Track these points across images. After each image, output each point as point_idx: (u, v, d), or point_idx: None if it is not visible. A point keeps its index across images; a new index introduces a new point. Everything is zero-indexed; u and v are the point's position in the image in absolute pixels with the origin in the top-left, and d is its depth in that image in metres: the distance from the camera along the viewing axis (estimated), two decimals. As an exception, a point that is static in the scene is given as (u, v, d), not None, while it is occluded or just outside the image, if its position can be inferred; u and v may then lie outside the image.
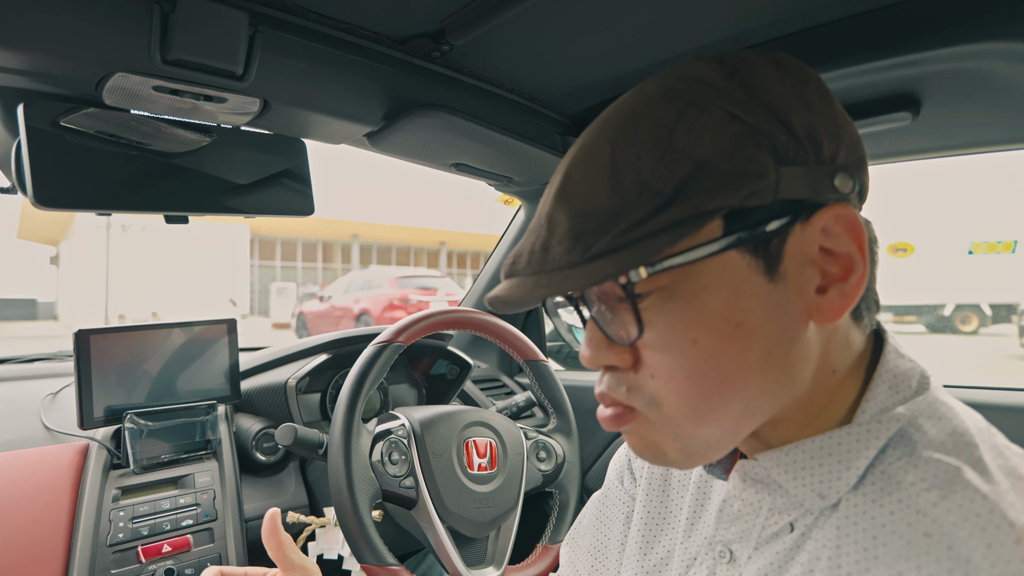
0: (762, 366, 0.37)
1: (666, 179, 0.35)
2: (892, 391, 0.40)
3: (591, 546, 0.60)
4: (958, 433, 0.37)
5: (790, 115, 0.36)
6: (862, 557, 0.36)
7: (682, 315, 0.36)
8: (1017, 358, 9.13)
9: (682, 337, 0.36)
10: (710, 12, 0.69)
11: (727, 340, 0.36)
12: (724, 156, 0.35)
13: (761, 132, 0.35)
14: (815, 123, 0.36)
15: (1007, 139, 0.81)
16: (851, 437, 0.39)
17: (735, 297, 0.36)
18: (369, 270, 12.87)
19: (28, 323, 20.47)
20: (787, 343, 0.37)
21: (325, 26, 0.72)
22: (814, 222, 0.36)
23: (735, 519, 0.44)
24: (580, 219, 0.36)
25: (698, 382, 0.37)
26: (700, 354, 0.36)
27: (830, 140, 0.37)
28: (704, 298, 0.36)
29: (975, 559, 0.31)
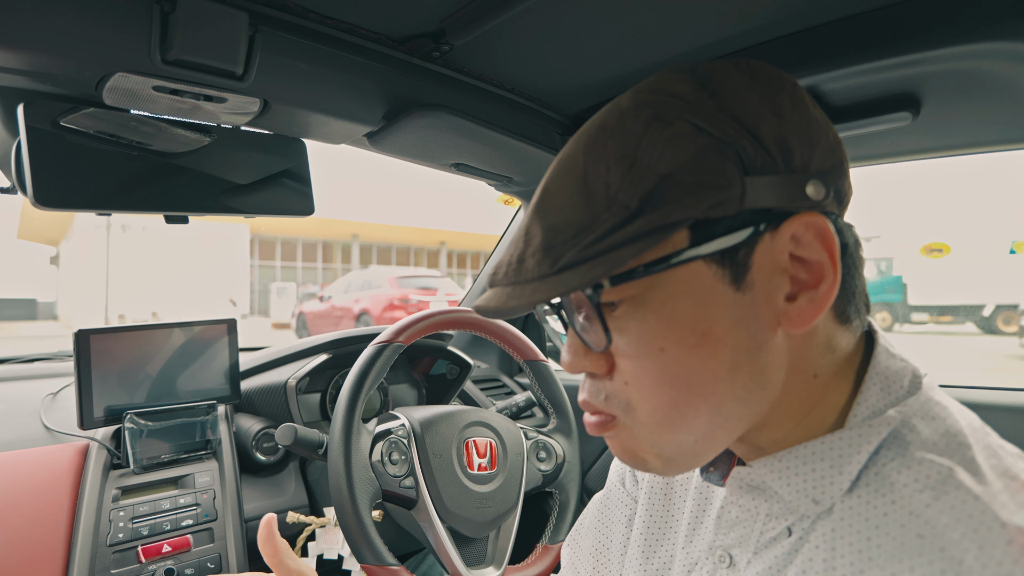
0: (729, 373, 0.37)
1: (631, 192, 0.35)
2: (883, 392, 0.40)
3: (593, 548, 0.60)
4: (951, 433, 0.37)
5: (759, 124, 0.36)
6: (856, 559, 0.36)
7: (649, 324, 0.37)
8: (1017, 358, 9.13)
9: (650, 346, 0.37)
10: (710, 12, 0.69)
11: (693, 349, 0.37)
12: (687, 169, 0.35)
13: (727, 143, 0.35)
14: (786, 131, 0.37)
15: (1007, 139, 0.81)
16: (843, 442, 0.39)
17: (701, 306, 0.37)
18: (369, 270, 12.87)
19: (28, 323, 20.47)
20: (755, 350, 0.37)
21: (325, 26, 0.72)
22: (783, 231, 0.36)
23: (733, 525, 0.45)
24: (552, 232, 0.38)
25: (666, 389, 0.38)
26: (667, 362, 0.37)
27: (802, 148, 0.37)
28: (671, 307, 0.37)
29: (967, 560, 0.31)
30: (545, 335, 1.55)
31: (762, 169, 0.36)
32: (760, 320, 0.37)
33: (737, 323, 0.37)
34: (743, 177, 0.35)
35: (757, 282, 0.37)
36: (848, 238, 0.40)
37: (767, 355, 0.38)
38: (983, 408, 0.85)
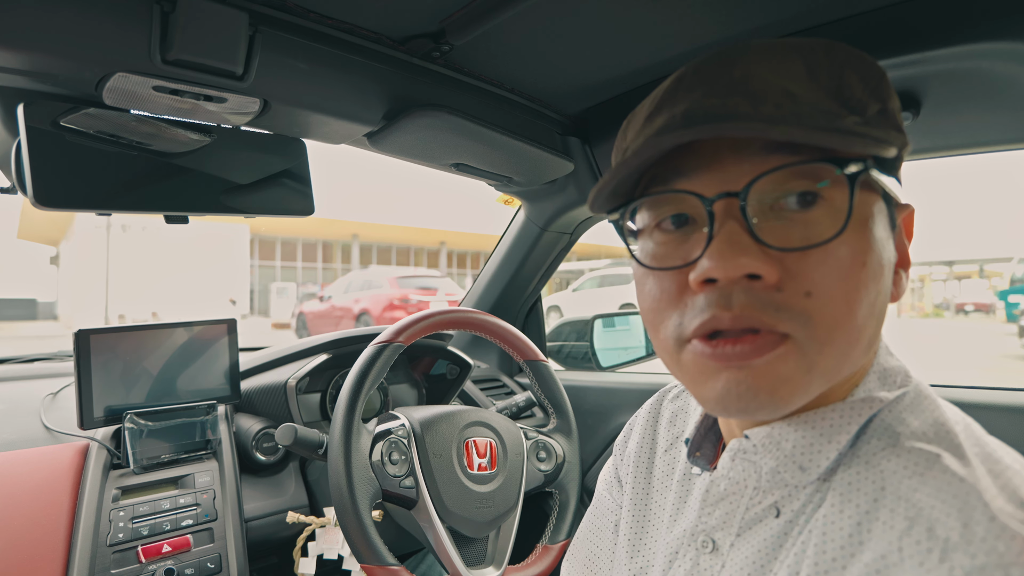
0: (880, 313, 0.39)
1: (864, 106, 0.37)
2: (880, 383, 0.42)
3: (585, 557, 0.61)
4: (939, 424, 0.39)
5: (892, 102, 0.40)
6: (847, 543, 0.37)
7: (858, 236, 0.36)
8: (1017, 358, 9.13)
9: (856, 258, 0.36)
10: (710, 13, 0.69)
11: (879, 274, 0.38)
12: (894, 113, 0.39)
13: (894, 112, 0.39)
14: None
15: (1007, 139, 0.81)
16: (835, 413, 0.40)
17: (885, 237, 0.38)
18: (369, 270, 12.87)
19: (28, 323, 20.46)
20: (885, 303, 0.39)
21: (325, 26, 0.72)
22: (899, 212, 0.41)
23: (720, 500, 0.45)
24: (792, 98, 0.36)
25: (855, 306, 0.36)
26: (864, 279, 0.36)
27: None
28: (872, 226, 0.37)
29: (953, 538, 0.32)
30: (545, 335, 1.56)
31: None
32: (891, 276, 0.40)
33: (888, 270, 0.39)
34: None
35: (895, 241, 0.40)
36: None
37: (886, 313, 0.40)
38: (981, 408, 0.85)
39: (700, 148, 0.38)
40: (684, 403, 0.58)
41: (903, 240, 0.42)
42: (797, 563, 0.38)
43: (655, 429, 0.58)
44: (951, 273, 29.64)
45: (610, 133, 1.01)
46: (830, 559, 0.37)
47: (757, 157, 0.36)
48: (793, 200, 0.36)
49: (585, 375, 1.42)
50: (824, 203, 0.36)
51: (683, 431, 0.55)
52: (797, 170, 0.36)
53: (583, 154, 1.05)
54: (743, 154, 0.37)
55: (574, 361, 1.53)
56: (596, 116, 1.01)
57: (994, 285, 24.82)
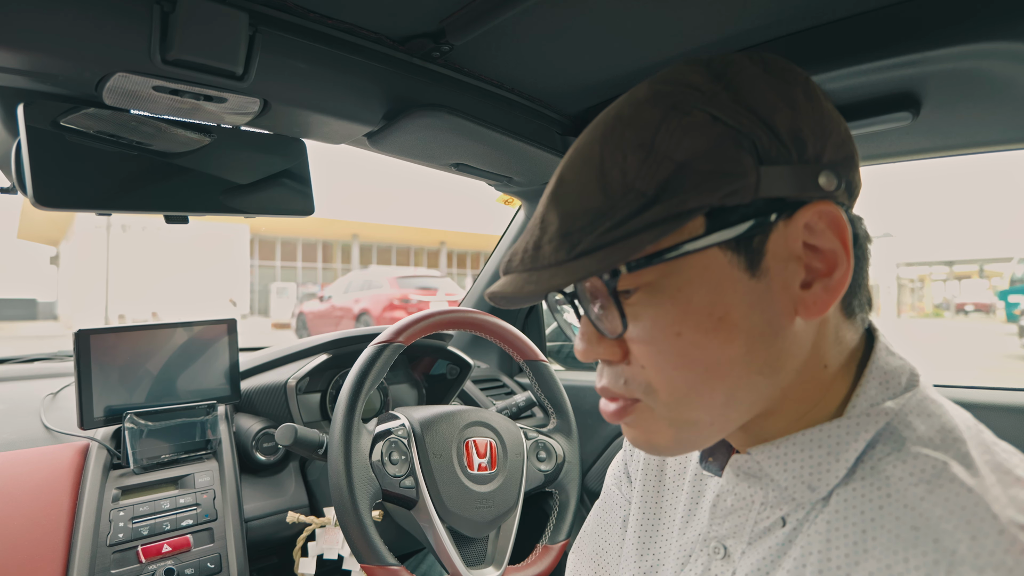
0: (745, 357, 0.38)
1: (649, 180, 0.36)
2: (882, 387, 0.40)
3: (593, 552, 0.61)
4: (946, 429, 0.38)
5: (774, 116, 0.37)
6: (852, 551, 0.36)
7: (666, 310, 0.38)
8: (1017, 358, 9.13)
9: (666, 331, 0.38)
10: (710, 12, 0.69)
11: (710, 333, 0.38)
12: (704, 157, 0.36)
13: (742, 133, 0.36)
14: (799, 123, 0.37)
15: (1007, 139, 0.81)
16: (840, 429, 0.40)
17: (717, 292, 0.37)
18: (369, 270, 12.86)
19: (28, 323, 20.46)
20: (770, 336, 0.38)
21: (325, 26, 0.72)
22: (796, 219, 0.37)
23: (728, 514, 0.45)
24: (569, 219, 0.38)
25: (684, 372, 0.38)
26: (684, 346, 0.38)
27: (815, 139, 0.37)
28: (687, 293, 0.37)
29: (960, 551, 0.32)
30: (545, 335, 1.56)
31: (776, 159, 0.36)
32: (776, 306, 0.38)
33: (752, 309, 0.38)
34: (758, 166, 0.36)
35: (772, 269, 0.38)
36: (858, 230, 0.41)
37: (782, 342, 0.39)
38: (982, 408, 0.85)
39: None
40: None
41: (829, 239, 0.37)
42: (800, 569, 0.38)
43: None
44: (951, 273, 29.63)
45: (610, 133, 1.01)
46: (834, 567, 0.36)
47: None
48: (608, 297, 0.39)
49: (585, 375, 1.42)
50: (638, 291, 0.39)
51: None
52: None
53: (583, 154, 1.05)
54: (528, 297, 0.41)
55: (574, 361, 1.53)
56: (596, 116, 1.01)
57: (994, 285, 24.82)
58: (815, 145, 0.37)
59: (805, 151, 0.37)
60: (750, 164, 0.36)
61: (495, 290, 0.42)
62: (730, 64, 0.39)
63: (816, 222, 0.37)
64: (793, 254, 0.38)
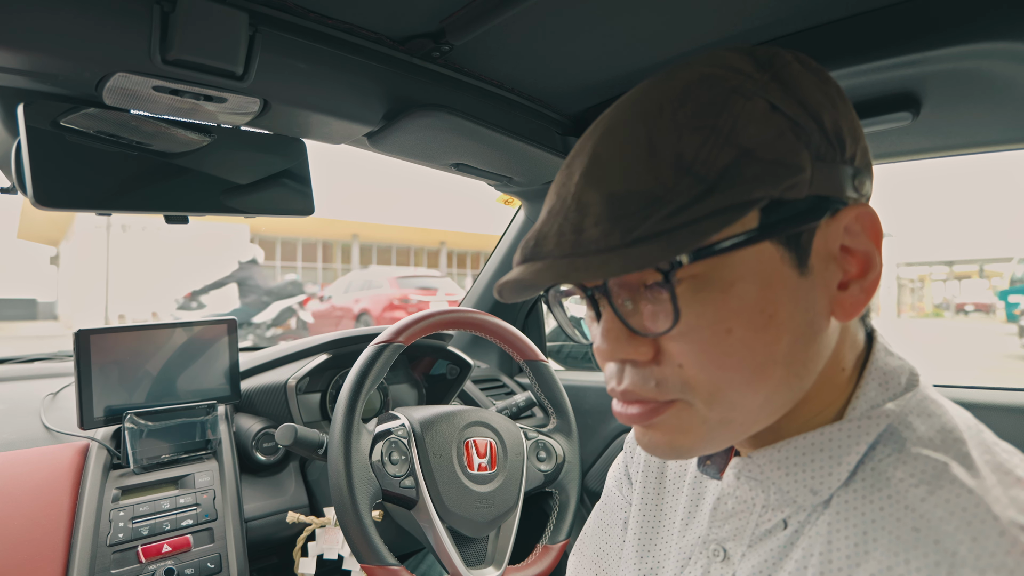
0: (787, 358, 0.37)
1: (711, 164, 0.34)
2: (882, 388, 0.40)
3: (594, 554, 0.61)
4: (946, 430, 0.38)
5: (821, 113, 0.36)
6: (852, 552, 0.36)
7: (716, 305, 0.36)
8: (1018, 358, 9.13)
9: (716, 328, 0.36)
10: (710, 12, 0.69)
11: (759, 331, 0.36)
12: (768, 146, 0.34)
13: (800, 126, 0.35)
14: (840, 123, 0.37)
15: (1007, 139, 0.81)
16: (842, 433, 0.39)
17: (768, 288, 0.36)
18: (369, 270, 12.86)
19: (28, 323, 20.45)
20: (810, 337, 0.38)
21: (325, 26, 0.72)
22: (839, 219, 0.37)
23: (729, 517, 0.45)
24: (615, 201, 0.35)
25: (728, 371, 0.36)
26: (733, 344, 0.36)
27: (851, 141, 0.38)
28: (740, 288, 0.36)
29: (961, 552, 0.32)
30: (545, 335, 1.55)
31: (824, 156, 0.36)
32: (817, 306, 0.37)
33: (797, 307, 0.37)
34: (813, 162, 0.35)
35: (815, 268, 0.37)
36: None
37: (818, 344, 0.38)
38: (982, 408, 0.85)
39: None
40: None
41: (865, 242, 0.38)
42: (801, 571, 0.38)
43: None
44: (951, 273, 29.64)
45: (610, 133, 1.01)
46: (836, 569, 0.36)
47: None
48: (651, 284, 0.37)
49: (585, 375, 1.42)
50: (681, 284, 0.36)
51: None
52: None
53: (583, 154, 1.05)
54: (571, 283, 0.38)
55: (574, 361, 1.53)
56: (596, 116, 1.01)
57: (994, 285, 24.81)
58: (851, 147, 0.37)
59: (844, 152, 0.37)
60: (807, 159, 0.35)
61: (520, 278, 0.37)
62: (775, 55, 0.38)
63: (854, 224, 0.37)
64: (832, 254, 0.38)
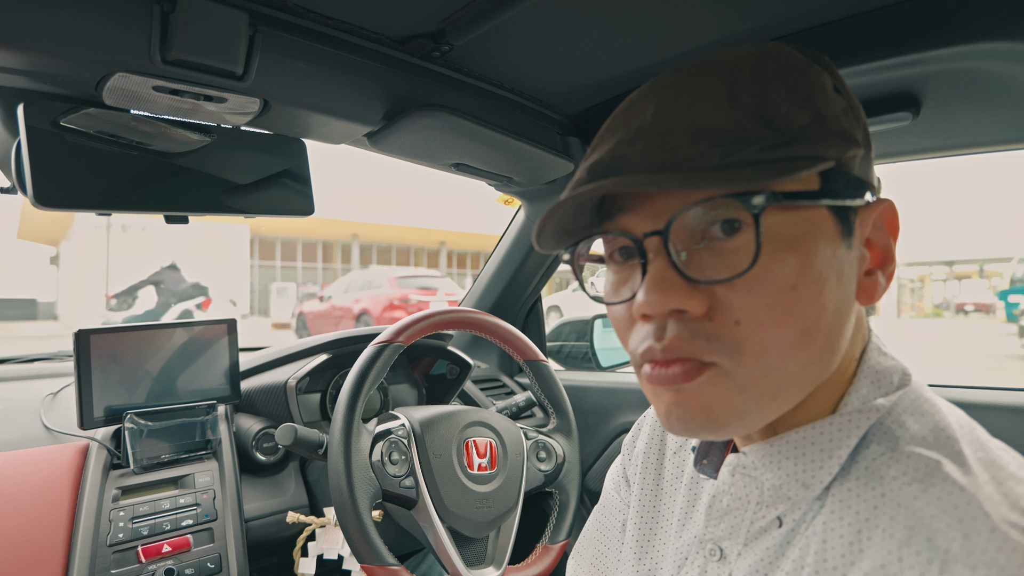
0: (827, 329, 0.37)
1: (789, 121, 0.36)
2: (874, 386, 0.41)
3: (593, 557, 0.61)
4: (939, 428, 0.38)
5: (859, 108, 0.40)
6: (847, 551, 0.36)
7: (784, 260, 0.35)
8: (1018, 358, 9.13)
9: (782, 283, 0.35)
10: (710, 13, 0.69)
11: (817, 294, 0.36)
12: (835, 118, 0.37)
13: (854, 110, 0.39)
14: (865, 122, 0.40)
15: (1007, 139, 0.81)
16: (832, 427, 0.40)
17: (828, 252, 0.37)
18: (369, 270, 12.86)
19: (28, 323, 20.45)
20: (845, 313, 0.38)
21: (325, 26, 0.72)
22: (871, 211, 0.39)
23: (724, 514, 0.45)
24: (701, 132, 0.35)
25: (786, 330, 0.36)
26: (795, 302, 0.35)
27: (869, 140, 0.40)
28: (805, 247, 0.36)
29: (953, 549, 0.32)
30: (545, 335, 1.55)
31: (865, 146, 0.39)
32: (851, 284, 0.39)
33: (841, 280, 0.37)
34: (863, 145, 0.38)
35: (855, 248, 0.39)
36: None
37: (848, 322, 0.39)
38: (981, 408, 0.85)
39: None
40: None
41: (885, 237, 0.39)
42: (797, 570, 0.38)
43: (664, 430, 0.58)
44: (951, 273, 29.63)
45: (610, 133, 1.01)
46: (830, 567, 0.36)
47: (681, 192, 0.37)
48: (718, 229, 0.36)
49: (585, 375, 1.42)
50: (749, 229, 0.35)
51: None
52: (715, 203, 0.36)
53: (583, 154, 1.05)
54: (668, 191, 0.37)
55: (574, 361, 1.53)
56: (596, 116, 1.01)
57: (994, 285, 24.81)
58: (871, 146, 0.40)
59: (869, 147, 0.40)
60: (860, 139, 0.38)
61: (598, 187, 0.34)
62: (821, 54, 0.40)
63: (879, 219, 0.39)
64: (862, 240, 0.39)
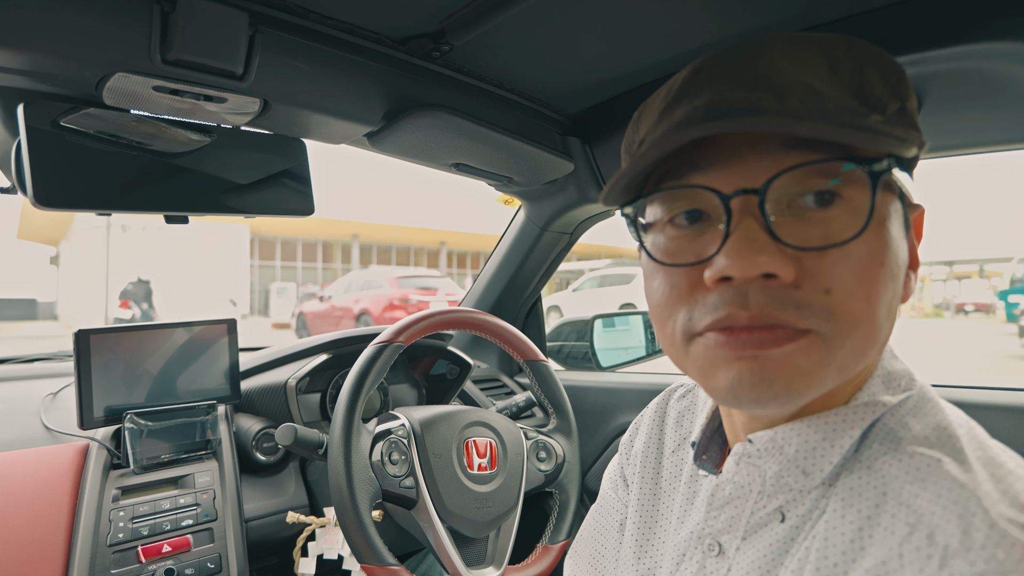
0: (893, 312, 0.38)
1: (884, 103, 0.37)
2: (884, 387, 0.42)
3: (590, 556, 0.61)
4: (940, 427, 0.39)
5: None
6: (849, 548, 0.37)
7: (879, 235, 0.36)
8: (1018, 358, 9.13)
9: (875, 257, 0.36)
10: (709, 13, 0.69)
11: (897, 273, 0.37)
12: (913, 112, 0.38)
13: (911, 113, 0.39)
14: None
15: (1007, 139, 0.81)
16: (837, 417, 0.40)
17: (900, 239, 0.38)
18: (369, 270, 12.86)
19: (28, 323, 20.45)
20: (899, 303, 0.39)
21: (325, 26, 0.72)
22: (911, 211, 0.40)
23: (725, 504, 0.45)
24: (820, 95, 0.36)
25: (874, 306, 0.36)
26: (882, 278, 0.36)
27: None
28: (889, 227, 0.37)
29: (952, 545, 0.32)
30: (545, 335, 1.55)
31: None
32: (901, 276, 0.39)
33: (900, 268, 0.38)
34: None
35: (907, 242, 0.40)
36: None
37: (898, 312, 0.40)
38: (982, 408, 0.85)
39: (718, 143, 0.37)
40: (691, 403, 0.58)
41: (913, 241, 0.41)
42: (800, 568, 0.38)
43: (662, 429, 0.58)
44: (951, 273, 29.63)
45: (610, 133, 1.01)
46: (832, 564, 0.37)
47: (777, 154, 0.36)
48: (811, 198, 0.36)
49: (585, 375, 1.42)
50: (843, 202, 0.36)
51: (690, 432, 0.55)
52: (817, 168, 0.35)
53: (583, 154, 1.05)
54: (762, 150, 0.36)
55: (574, 361, 1.53)
56: (596, 116, 1.01)
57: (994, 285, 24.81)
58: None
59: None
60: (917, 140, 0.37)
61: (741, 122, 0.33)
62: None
63: (914, 222, 0.41)
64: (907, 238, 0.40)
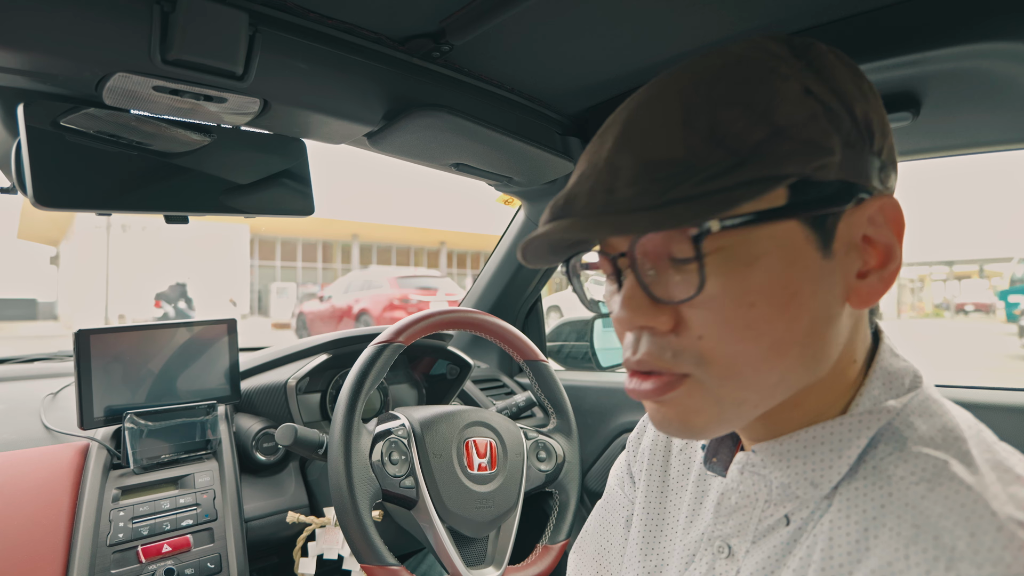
0: (804, 339, 0.38)
1: (743, 139, 0.35)
2: (886, 388, 0.41)
3: (595, 552, 0.61)
4: (947, 429, 0.38)
5: (853, 102, 0.37)
6: (854, 549, 0.37)
7: (741, 278, 0.36)
8: (1017, 358, 9.13)
9: (740, 300, 0.36)
10: (710, 13, 0.69)
11: (782, 308, 0.37)
12: (800, 127, 0.36)
13: (832, 111, 0.36)
14: (870, 115, 0.38)
15: (1007, 139, 0.81)
16: (843, 427, 0.40)
17: (793, 267, 0.37)
18: (369, 270, 12.87)
19: (28, 323, 20.45)
20: (827, 320, 0.38)
21: (325, 26, 0.72)
22: (864, 209, 0.38)
23: (732, 512, 0.45)
24: (649, 166, 0.36)
25: (749, 344, 0.37)
26: (755, 318, 0.36)
27: (880, 135, 0.38)
28: (765, 263, 0.36)
29: (959, 547, 0.32)
30: (545, 335, 1.55)
31: (853, 144, 0.37)
32: (835, 291, 0.38)
33: (819, 289, 0.37)
34: (843, 148, 0.36)
35: (838, 254, 0.38)
36: None
37: (834, 328, 0.39)
38: (982, 408, 0.85)
39: None
40: None
41: (887, 234, 0.38)
42: (804, 568, 0.38)
43: None
44: (951, 273, 29.63)
45: (610, 133, 1.01)
46: (837, 565, 0.37)
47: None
48: (677, 253, 0.38)
49: (585, 375, 1.42)
50: (709, 256, 0.36)
51: None
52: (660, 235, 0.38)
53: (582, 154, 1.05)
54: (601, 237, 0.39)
55: (574, 361, 1.53)
56: (596, 116, 1.02)
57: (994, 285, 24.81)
58: (879, 140, 0.38)
59: (873, 144, 0.38)
60: (837, 143, 0.36)
61: (547, 232, 0.38)
62: (811, 45, 0.39)
63: (877, 215, 0.38)
64: (854, 242, 0.38)
